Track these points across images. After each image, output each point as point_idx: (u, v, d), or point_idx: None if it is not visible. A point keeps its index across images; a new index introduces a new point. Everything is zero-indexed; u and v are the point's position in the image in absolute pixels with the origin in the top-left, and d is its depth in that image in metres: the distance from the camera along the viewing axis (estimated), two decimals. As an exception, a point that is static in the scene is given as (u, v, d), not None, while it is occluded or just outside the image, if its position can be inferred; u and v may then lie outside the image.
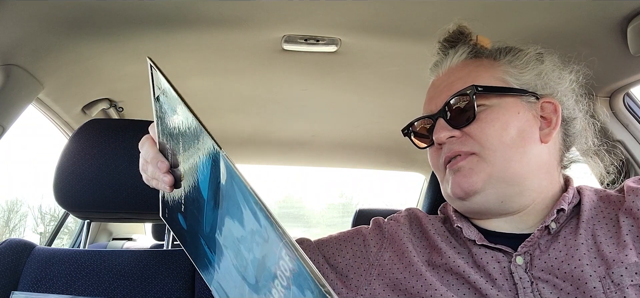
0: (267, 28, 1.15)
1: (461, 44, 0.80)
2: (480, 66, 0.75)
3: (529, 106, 0.72)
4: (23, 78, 1.16)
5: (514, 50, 0.76)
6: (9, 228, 3.26)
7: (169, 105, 0.53)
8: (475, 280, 0.66)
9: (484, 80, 0.72)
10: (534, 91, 0.73)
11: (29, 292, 0.94)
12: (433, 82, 0.81)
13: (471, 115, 0.70)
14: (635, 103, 1.28)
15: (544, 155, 0.71)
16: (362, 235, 0.82)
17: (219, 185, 0.47)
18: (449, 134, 0.72)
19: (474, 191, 0.69)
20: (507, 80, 0.73)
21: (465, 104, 0.71)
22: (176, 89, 0.50)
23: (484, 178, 0.68)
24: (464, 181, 0.69)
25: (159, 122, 0.58)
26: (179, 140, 0.54)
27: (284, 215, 5.57)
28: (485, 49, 0.78)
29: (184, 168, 0.55)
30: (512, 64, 0.74)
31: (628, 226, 0.64)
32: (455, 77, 0.75)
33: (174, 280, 1.00)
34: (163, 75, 0.51)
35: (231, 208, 0.45)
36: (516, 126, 0.69)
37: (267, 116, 1.83)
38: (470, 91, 0.70)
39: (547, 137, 0.71)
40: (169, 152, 0.59)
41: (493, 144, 0.68)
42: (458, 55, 0.78)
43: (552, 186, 0.72)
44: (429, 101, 0.78)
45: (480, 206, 0.71)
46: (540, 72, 0.74)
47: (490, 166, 0.68)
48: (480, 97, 0.71)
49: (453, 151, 0.71)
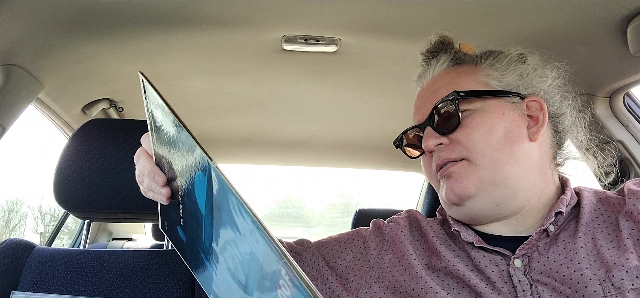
0: (267, 28, 1.15)
1: (442, 53, 0.81)
2: (462, 72, 0.76)
3: (513, 106, 0.72)
4: (23, 78, 1.16)
5: (495, 53, 0.77)
6: (9, 228, 3.26)
7: (162, 119, 0.53)
8: (475, 283, 0.65)
9: (466, 85, 0.73)
10: (517, 91, 0.73)
11: (29, 292, 0.94)
12: (418, 93, 0.82)
13: (456, 121, 0.71)
14: (635, 103, 1.28)
15: (534, 154, 0.71)
16: (362, 237, 0.82)
17: (213, 196, 0.47)
18: (436, 141, 0.72)
19: (467, 195, 0.69)
20: (490, 83, 0.73)
21: (449, 110, 0.72)
22: (168, 103, 0.50)
23: (476, 182, 0.69)
24: (456, 186, 0.70)
25: (154, 135, 0.58)
26: (174, 153, 0.54)
27: (284, 215, 5.57)
28: (466, 55, 0.79)
29: (181, 182, 0.55)
30: (493, 67, 0.75)
31: (628, 229, 0.64)
32: (438, 85, 0.76)
33: (174, 280, 0.99)
34: (154, 89, 0.51)
35: (225, 218, 0.45)
36: (502, 127, 0.70)
37: (267, 116, 1.82)
38: (453, 97, 0.71)
39: (535, 135, 0.71)
40: (165, 165, 0.58)
41: (480, 148, 0.69)
42: (440, 64, 0.79)
43: (547, 185, 0.72)
44: (416, 111, 0.79)
45: (475, 211, 0.71)
46: (522, 73, 0.74)
47: (480, 170, 0.69)
48: (463, 102, 0.71)
49: (442, 158, 0.72)
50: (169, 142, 0.54)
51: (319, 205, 5.61)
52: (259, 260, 0.40)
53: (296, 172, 5.08)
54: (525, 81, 0.74)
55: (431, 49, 0.83)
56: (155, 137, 0.58)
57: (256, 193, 4.93)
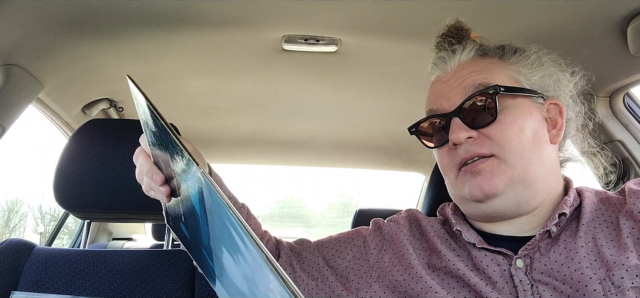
0: (267, 28, 1.15)
1: (467, 40, 0.77)
2: (491, 64, 0.73)
3: (538, 107, 0.71)
4: (23, 78, 1.16)
5: (520, 50, 0.75)
6: (9, 228, 3.25)
7: (152, 120, 0.53)
8: (476, 283, 0.65)
9: (500, 79, 0.70)
10: (541, 92, 0.72)
11: (29, 292, 0.94)
12: (439, 78, 0.77)
13: (492, 116, 0.68)
14: (635, 103, 1.28)
15: (553, 157, 0.71)
16: (362, 237, 0.82)
17: (204, 198, 0.47)
18: (467, 134, 0.69)
19: (494, 194, 0.67)
20: (520, 80, 0.72)
21: (486, 103, 0.68)
22: (154, 107, 0.50)
23: (505, 181, 0.67)
24: (485, 184, 0.67)
25: (147, 134, 0.59)
26: (167, 153, 0.54)
27: (284, 215, 5.57)
28: (491, 47, 0.76)
29: (178, 181, 0.55)
30: (520, 64, 0.73)
31: (629, 228, 0.64)
32: (467, 73, 0.72)
33: (174, 280, 0.99)
34: (141, 92, 0.51)
35: (217, 220, 0.45)
36: (531, 127, 0.68)
37: (267, 116, 1.82)
38: (493, 91, 0.67)
39: (555, 138, 0.71)
40: (162, 164, 0.59)
41: (513, 146, 0.67)
42: (467, 51, 0.75)
43: (558, 187, 0.72)
44: (437, 98, 0.74)
45: (496, 209, 0.69)
46: (544, 74, 0.73)
47: (511, 169, 0.67)
48: (500, 98, 0.68)
49: (471, 153, 0.68)
50: (160, 142, 0.55)
51: (319, 205, 5.60)
52: (249, 263, 0.41)
53: (296, 172, 5.07)
54: (548, 83, 0.73)
55: (448, 33, 0.79)
56: (149, 137, 0.59)
57: (256, 193, 4.92)
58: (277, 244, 0.85)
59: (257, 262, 0.38)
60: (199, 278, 1.00)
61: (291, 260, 0.82)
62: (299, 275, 0.80)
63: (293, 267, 0.81)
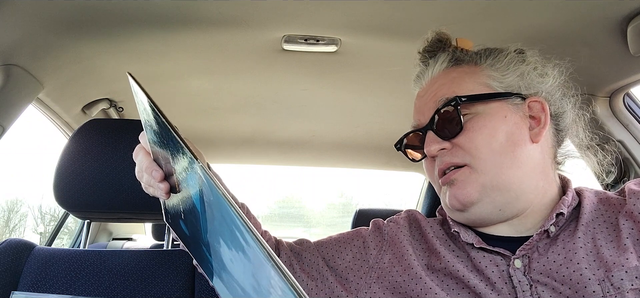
0: (267, 28, 1.15)
1: (441, 52, 0.79)
2: (462, 73, 0.75)
3: (515, 108, 0.71)
4: (23, 78, 1.16)
5: (495, 52, 0.76)
6: (9, 228, 3.25)
7: (153, 118, 0.53)
8: (475, 284, 0.65)
9: (467, 87, 0.72)
10: (518, 92, 0.72)
11: (29, 292, 0.94)
12: (418, 94, 0.81)
13: (458, 126, 0.70)
14: (635, 103, 1.28)
15: (536, 155, 0.71)
16: (361, 237, 0.82)
17: (204, 194, 0.47)
18: (439, 146, 0.71)
19: (470, 202, 0.69)
20: (491, 84, 0.72)
21: (451, 115, 0.70)
22: (155, 103, 0.50)
23: (478, 188, 0.68)
24: (459, 193, 0.69)
25: (148, 131, 0.59)
26: (167, 150, 0.54)
27: (284, 215, 5.57)
28: (466, 55, 0.77)
29: (178, 178, 0.55)
30: (493, 67, 0.74)
31: (628, 229, 0.63)
32: (438, 86, 0.75)
33: (174, 280, 1.00)
34: (141, 89, 0.51)
35: (217, 216, 0.45)
36: (504, 131, 0.69)
37: (267, 116, 1.82)
38: (454, 102, 0.70)
39: (537, 136, 0.71)
40: (162, 161, 0.59)
41: (483, 153, 0.68)
42: (439, 63, 0.78)
43: (549, 186, 0.72)
44: (417, 112, 0.78)
45: (478, 216, 0.70)
46: (522, 73, 0.73)
47: (482, 176, 0.68)
48: (465, 106, 0.70)
49: (445, 163, 0.71)
50: (161, 140, 0.55)
51: (319, 205, 5.61)
52: (250, 258, 0.41)
53: (296, 172, 5.08)
54: (526, 81, 0.73)
55: (428, 47, 0.81)
56: (149, 134, 0.59)
57: (256, 193, 4.93)
58: (277, 244, 0.85)
59: (259, 257, 0.38)
60: (199, 278, 1.00)
61: (291, 260, 0.82)
62: (298, 276, 0.80)
63: (293, 267, 0.81)
